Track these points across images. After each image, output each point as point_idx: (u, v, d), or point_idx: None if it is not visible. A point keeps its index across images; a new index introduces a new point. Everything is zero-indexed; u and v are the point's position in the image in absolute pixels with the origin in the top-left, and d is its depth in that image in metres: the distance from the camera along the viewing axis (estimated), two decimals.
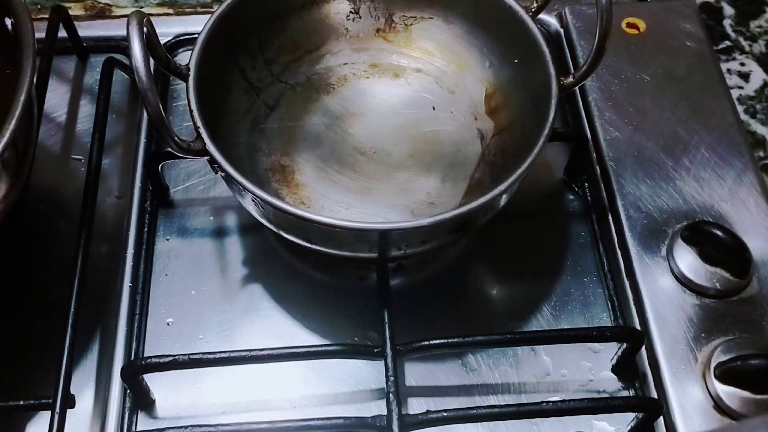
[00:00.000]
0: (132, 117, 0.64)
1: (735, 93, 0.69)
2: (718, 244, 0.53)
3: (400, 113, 0.61)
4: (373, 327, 0.54)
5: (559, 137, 0.61)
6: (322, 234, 0.49)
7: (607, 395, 0.53)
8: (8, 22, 0.51)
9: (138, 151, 0.61)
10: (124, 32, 0.44)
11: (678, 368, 0.51)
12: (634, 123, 0.61)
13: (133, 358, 0.52)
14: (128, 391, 0.51)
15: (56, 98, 0.65)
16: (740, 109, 0.66)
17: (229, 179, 0.48)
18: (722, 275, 0.53)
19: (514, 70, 0.58)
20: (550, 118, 0.50)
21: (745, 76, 0.70)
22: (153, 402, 0.52)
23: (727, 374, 0.49)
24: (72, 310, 0.51)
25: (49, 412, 0.48)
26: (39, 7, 0.73)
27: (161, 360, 0.49)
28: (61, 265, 0.54)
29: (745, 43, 0.72)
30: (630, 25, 0.67)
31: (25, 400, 0.49)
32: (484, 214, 0.51)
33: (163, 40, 0.53)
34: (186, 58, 0.54)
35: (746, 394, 0.49)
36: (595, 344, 0.54)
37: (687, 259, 0.54)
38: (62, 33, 0.65)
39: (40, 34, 0.54)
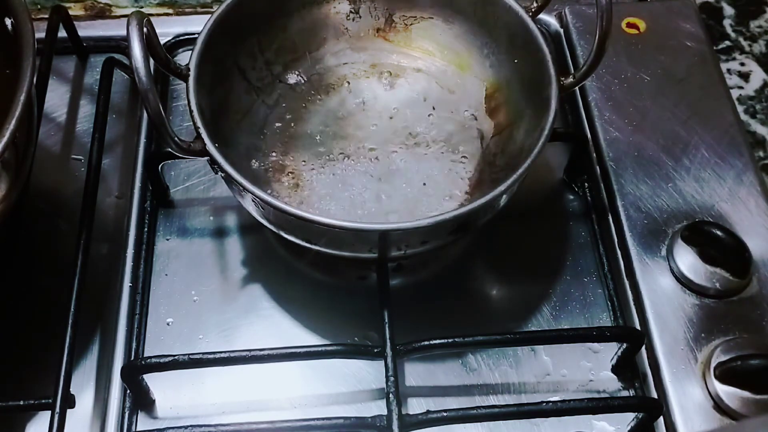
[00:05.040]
0: (132, 117, 0.64)
1: (735, 93, 0.69)
2: (718, 244, 0.53)
3: (401, 113, 0.61)
4: (373, 327, 0.54)
5: (559, 137, 0.61)
6: (322, 234, 0.49)
7: (607, 395, 0.53)
8: (8, 22, 0.51)
9: (138, 151, 0.61)
10: (124, 32, 0.44)
11: (678, 368, 0.51)
12: (634, 123, 0.61)
13: (133, 358, 0.52)
14: (128, 391, 0.51)
15: (56, 98, 0.65)
16: (740, 109, 0.66)
17: (229, 179, 0.48)
18: (722, 275, 0.53)
19: (514, 70, 0.58)
20: (550, 118, 0.50)
21: (745, 76, 0.70)
22: (153, 402, 0.52)
23: (727, 374, 0.49)
24: (72, 310, 0.51)
25: (49, 412, 0.48)
26: (39, 7, 0.73)
27: (161, 360, 0.49)
28: (61, 265, 0.54)
29: (745, 43, 0.72)
30: (630, 25, 0.67)
31: (25, 400, 0.49)
32: (484, 214, 0.51)
33: (163, 40, 0.53)
34: (186, 58, 0.54)
35: (746, 394, 0.49)
36: (595, 344, 0.54)
37: (687, 259, 0.54)
38: (62, 33, 0.65)
39: (40, 34, 0.55)
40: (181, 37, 0.68)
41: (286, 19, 0.60)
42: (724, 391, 0.49)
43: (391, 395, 0.48)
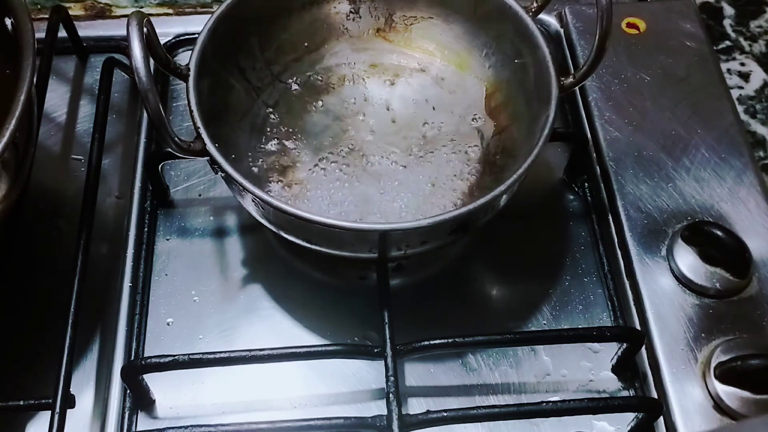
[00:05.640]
0: (132, 117, 0.64)
1: (735, 93, 0.69)
2: (718, 244, 0.53)
3: (400, 113, 0.61)
4: (373, 327, 0.54)
5: (559, 137, 0.61)
6: (322, 234, 0.49)
7: (607, 395, 0.53)
8: (8, 22, 0.51)
9: (138, 151, 0.61)
10: (124, 32, 0.44)
11: (678, 368, 0.51)
12: (634, 123, 0.61)
13: (133, 358, 0.53)
14: (128, 391, 0.51)
15: (56, 98, 0.65)
16: (740, 109, 0.66)
17: (229, 179, 0.48)
18: (722, 275, 0.53)
19: (514, 70, 0.58)
20: (550, 118, 0.50)
21: (745, 76, 0.70)
22: (153, 402, 0.52)
23: (727, 374, 0.49)
24: (72, 310, 0.51)
25: (49, 412, 0.48)
26: (39, 7, 0.73)
27: (161, 360, 0.49)
28: (61, 265, 0.54)
29: (745, 43, 0.72)
30: (630, 25, 0.67)
31: (25, 400, 0.49)
32: (484, 214, 0.51)
33: (163, 40, 0.53)
34: (186, 58, 0.54)
35: (746, 394, 0.49)
36: (595, 344, 0.54)
37: (687, 259, 0.54)
38: (62, 33, 0.65)
39: (40, 34, 0.55)
40: (181, 37, 0.68)
41: (286, 19, 0.60)
42: (724, 391, 0.49)
43: (391, 395, 0.48)
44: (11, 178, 0.50)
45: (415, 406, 0.52)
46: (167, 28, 0.67)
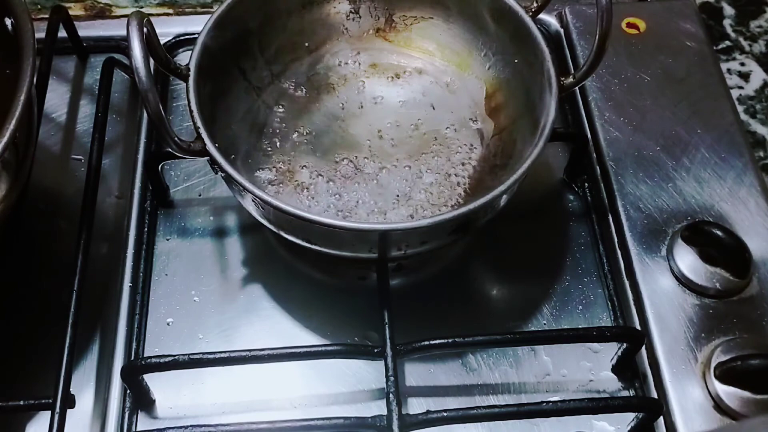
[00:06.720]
0: (132, 117, 0.64)
1: (735, 93, 0.69)
2: (718, 244, 0.53)
3: (400, 113, 0.61)
4: (373, 327, 0.54)
5: (559, 137, 0.61)
6: (322, 234, 0.49)
7: (607, 395, 0.53)
8: (8, 22, 0.51)
9: (138, 151, 0.61)
10: (124, 32, 0.44)
11: (678, 368, 0.51)
12: (634, 123, 0.61)
13: (133, 358, 0.53)
14: (128, 391, 0.51)
15: (56, 98, 0.65)
16: (740, 109, 0.66)
17: (229, 179, 0.48)
18: (722, 275, 0.53)
19: (514, 70, 0.58)
20: (550, 118, 0.50)
21: (745, 76, 0.70)
22: (153, 402, 0.52)
23: (727, 374, 0.49)
24: (72, 310, 0.51)
25: (49, 412, 0.48)
26: (39, 7, 0.73)
27: (161, 360, 0.49)
28: (61, 265, 0.54)
29: (745, 43, 0.72)
30: (630, 25, 0.67)
31: (25, 400, 0.49)
32: (484, 214, 0.51)
33: (163, 40, 0.53)
34: (186, 58, 0.54)
35: (746, 394, 0.49)
36: (595, 344, 0.54)
37: (687, 259, 0.54)
38: (62, 33, 0.65)
39: (40, 34, 0.55)
40: (181, 37, 0.68)
41: (286, 19, 0.60)
42: (724, 391, 0.49)
43: (391, 395, 0.48)
44: (11, 178, 0.50)
45: (415, 406, 0.52)
46: (167, 28, 0.67)
